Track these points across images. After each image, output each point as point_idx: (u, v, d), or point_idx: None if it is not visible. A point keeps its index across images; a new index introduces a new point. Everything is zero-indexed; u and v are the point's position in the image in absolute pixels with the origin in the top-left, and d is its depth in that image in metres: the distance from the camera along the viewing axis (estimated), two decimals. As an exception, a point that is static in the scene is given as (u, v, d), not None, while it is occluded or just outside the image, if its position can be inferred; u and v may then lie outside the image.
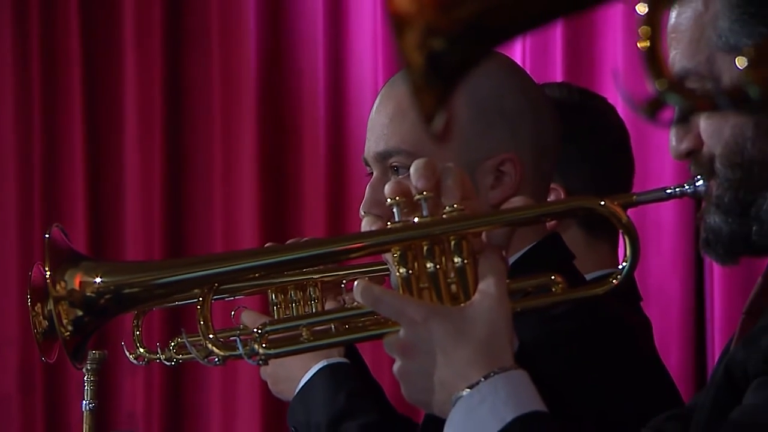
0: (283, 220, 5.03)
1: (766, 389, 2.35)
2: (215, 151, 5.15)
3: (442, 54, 1.40)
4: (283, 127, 5.07)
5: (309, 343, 2.63)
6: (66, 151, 5.23)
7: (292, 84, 5.07)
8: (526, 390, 2.46)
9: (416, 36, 1.39)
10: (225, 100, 5.12)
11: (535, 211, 2.71)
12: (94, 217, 5.21)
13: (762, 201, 2.51)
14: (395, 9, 1.38)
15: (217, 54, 5.12)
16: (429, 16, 1.39)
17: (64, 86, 5.22)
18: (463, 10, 1.39)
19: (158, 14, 5.17)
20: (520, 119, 3.10)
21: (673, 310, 4.22)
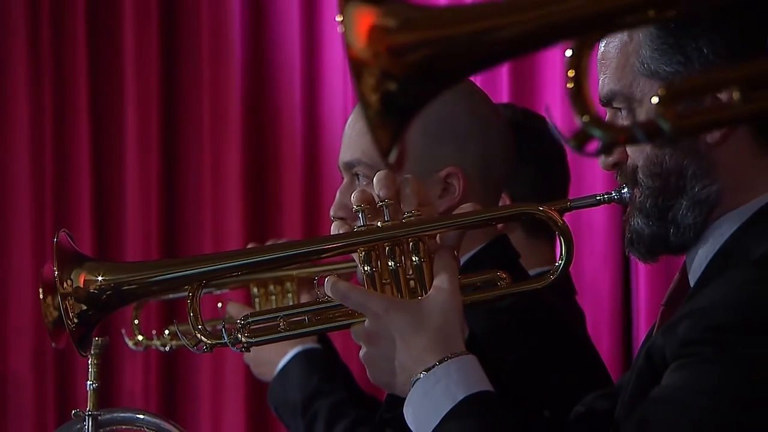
0: (265, 222, 5.02)
1: (680, 371, 2.36)
2: (205, 162, 5.14)
3: (396, 95, 1.39)
4: (265, 139, 5.06)
5: (285, 333, 2.63)
6: (74, 165, 5.22)
7: (273, 102, 5.07)
8: (476, 373, 2.47)
9: (373, 79, 1.39)
10: (213, 116, 5.11)
11: (482, 216, 2.72)
12: (98, 223, 5.20)
13: (678, 207, 2.52)
14: (354, 55, 1.38)
15: (207, 76, 5.11)
16: (384, 62, 1.38)
17: (72, 108, 5.21)
18: (414, 55, 1.39)
19: (155, 44, 5.16)
20: (467, 137, 3.10)
21: (604, 302, 4.21)
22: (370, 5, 1.40)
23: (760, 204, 2.49)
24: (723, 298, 2.38)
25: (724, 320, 2.35)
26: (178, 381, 5.18)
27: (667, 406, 2.35)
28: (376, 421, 2.92)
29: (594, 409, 2.60)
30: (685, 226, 2.52)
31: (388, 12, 1.40)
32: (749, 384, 2.30)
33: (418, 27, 1.40)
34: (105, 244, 5.19)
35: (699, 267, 2.53)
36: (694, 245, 2.54)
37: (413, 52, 1.40)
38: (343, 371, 3.18)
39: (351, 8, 1.40)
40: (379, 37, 1.39)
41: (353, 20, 1.40)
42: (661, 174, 2.52)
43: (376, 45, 1.39)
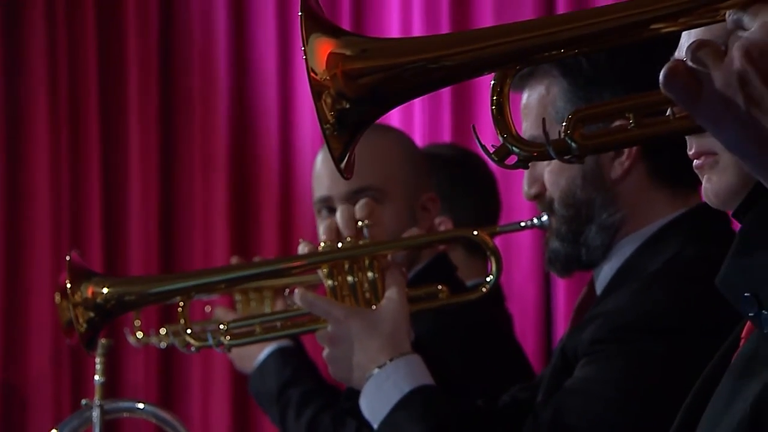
0: (246, 240, 5.02)
1: (589, 365, 2.38)
2: (196, 192, 5.13)
3: (348, 113, 1.39)
4: (247, 172, 5.05)
5: (261, 336, 2.65)
6: (86, 194, 5.20)
7: (253, 142, 5.06)
8: (420, 370, 2.49)
9: (329, 99, 1.38)
10: (203, 154, 5.10)
11: (428, 238, 2.75)
12: (107, 242, 5.19)
13: (588, 231, 2.54)
14: (314, 78, 1.38)
15: (198, 120, 5.11)
16: (339, 84, 1.38)
17: (85, 147, 5.21)
18: (365, 79, 1.38)
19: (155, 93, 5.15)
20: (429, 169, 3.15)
21: (530, 308, 4.22)
22: (329, 37, 1.40)
23: (655, 229, 2.52)
24: (624, 305, 2.40)
25: (625, 322, 2.37)
26: (174, 374, 5.16)
27: (579, 394, 2.37)
28: (338, 409, 2.92)
29: (518, 398, 2.60)
30: (594, 247, 2.54)
31: (346, 43, 1.39)
32: (647, 375, 2.33)
33: (370, 56, 1.39)
34: (112, 259, 5.18)
35: (604, 280, 2.55)
36: (601, 262, 2.55)
37: (365, 77, 1.39)
38: (311, 366, 3.17)
39: (313, 39, 1.39)
40: (336, 63, 1.39)
41: (315, 49, 1.39)
42: (573, 204, 2.54)
43: (334, 70, 1.38)
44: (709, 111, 1.30)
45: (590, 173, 2.52)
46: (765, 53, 1.27)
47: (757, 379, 1.43)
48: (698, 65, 1.29)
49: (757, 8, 1.30)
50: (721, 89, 1.28)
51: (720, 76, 1.28)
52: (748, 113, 1.28)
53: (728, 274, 1.32)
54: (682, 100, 1.32)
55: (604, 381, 2.34)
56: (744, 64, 1.27)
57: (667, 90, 1.31)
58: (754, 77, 1.27)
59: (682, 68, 1.30)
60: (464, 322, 2.92)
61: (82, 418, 2.80)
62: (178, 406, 5.10)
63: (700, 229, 2.46)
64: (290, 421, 3.04)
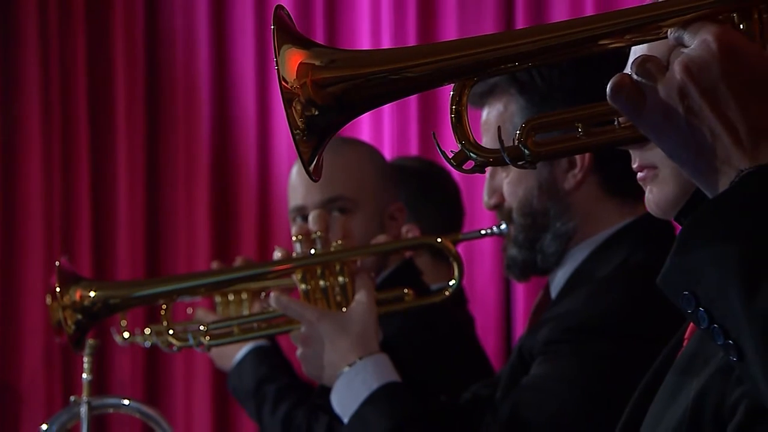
0: (227, 245, 5.01)
1: (544, 363, 2.39)
2: (180, 202, 5.11)
3: (317, 119, 1.39)
4: (227, 181, 5.05)
5: (238, 336, 2.65)
6: (77, 204, 5.18)
7: (233, 153, 5.06)
8: (387, 368, 2.49)
9: (299, 106, 1.38)
10: (187, 166, 5.08)
11: (395, 245, 2.75)
12: (96, 249, 5.17)
13: (543, 239, 2.54)
14: (285, 87, 1.37)
15: (182, 134, 5.10)
16: (309, 92, 1.37)
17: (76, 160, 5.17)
18: (332, 89, 1.38)
19: (141, 111, 5.14)
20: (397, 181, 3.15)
21: (491, 310, 4.22)
22: (300, 48, 1.39)
23: (605, 236, 2.52)
24: (577, 307, 2.41)
25: (578, 324, 2.38)
26: (158, 372, 5.14)
27: (534, 390, 2.38)
28: (311, 404, 2.91)
29: (479, 395, 2.61)
30: (548, 254, 2.55)
31: (316, 54, 1.39)
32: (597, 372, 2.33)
33: (338, 66, 1.39)
34: (101, 264, 5.15)
35: (559, 284, 2.55)
36: (556, 268, 2.56)
37: (333, 86, 1.38)
38: (286, 364, 3.16)
39: (285, 50, 1.39)
40: (306, 73, 1.38)
41: (286, 59, 1.39)
42: (530, 213, 2.55)
43: (303, 79, 1.38)
44: (652, 121, 1.31)
45: (546, 185, 2.53)
46: (703, 68, 1.27)
47: (698, 377, 1.43)
48: (642, 78, 1.30)
49: (697, 27, 1.31)
50: (663, 101, 1.29)
51: (662, 89, 1.29)
52: (687, 123, 1.29)
53: (668, 274, 1.33)
54: (627, 110, 1.33)
55: (558, 378, 2.35)
56: (684, 78, 1.28)
57: (613, 101, 1.32)
58: (692, 90, 1.28)
59: (627, 81, 1.31)
60: (429, 324, 2.91)
61: (70, 414, 2.80)
62: (163, 402, 5.08)
63: (646, 236, 2.46)
64: (266, 416, 3.03)
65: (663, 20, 1.34)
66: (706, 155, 1.30)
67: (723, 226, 1.26)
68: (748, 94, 1.27)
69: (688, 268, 1.29)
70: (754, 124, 1.27)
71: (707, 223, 1.28)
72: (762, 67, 1.28)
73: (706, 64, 1.28)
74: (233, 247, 4.97)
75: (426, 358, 2.76)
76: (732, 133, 1.28)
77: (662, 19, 1.34)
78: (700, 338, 1.51)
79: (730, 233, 1.25)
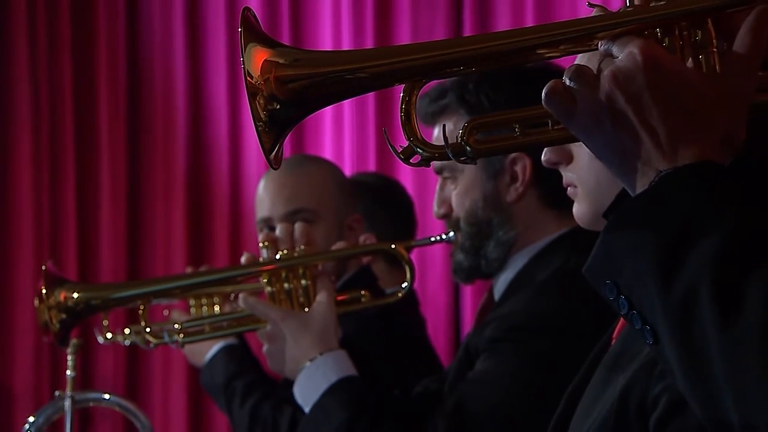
0: (201, 251, 4.98)
1: (488, 360, 2.39)
2: (158, 213, 5.09)
3: (279, 113, 1.37)
4: (201, 192, 5.02)
5: (210, 334, 2.64)
6: (63, 213, 5.14)
7: (207, 167, 5.04)
8: (345, 363, 2.48)
9: (263, 100, 1.36)
10: (165, 179, 5.06)
11: (352, 251, 2.74)
12: (81, 255, 5.13)
13: (487, 246, 2.54)
14: (250, 82, 1.36)
15: (160, 150, 5.07)
16: (271, 88, 1.36)
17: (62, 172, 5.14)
18: (294, 85, 1.36)
19: (122, 130, 5.11)
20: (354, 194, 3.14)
21: (441, 311, 4.21)
22: (265, 47, 1.38)
23: (544, 244, 2.53)
24: (518, 309, 2.41)
25: (518, 324, 2.38)
26: (138, 368, 5.10)
27: (478, 384, 2.38)
28: (277, 397, 2.90)
29: (429, 388, 2.60)
30: (492, 260, 2.55)
31: (279, 53, 1.38)
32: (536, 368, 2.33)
33: (300, 65, 1.38)
34: (86, 269, 5.12)
35: (501, 288, 2.55)
36: (499, 273, 2.56)
37: (294, 82, 1.37)
38: (254, 360, 3.15)
39: (250, 48, 1.38)
40: (269, 69, 1.37)
41: (251, 56, 1.37)
42: (475, 223, 2.55)
43: (267, 75, 1.36)
44: (582, 124, 1.32)
45: (490, 197, 2.53)
46: (629, 78, 1.28)
47: (624, 373, 1.43)
48: (574, 85, 1.30)
49: (624, 40, 1.32)
50: (592, 106, 1.30)
51: (591, 96, 1.30)
52: (613, 128, 1.29)
53: (592, 265, 1.33)
54: (559, 113, 1.33)
55: (500, 373, 2.35)
56: (611, 86, 1.29)
57: (547, 105, 1.33)
58: (619, 97, 1.29)
59: (560, 87, 1.31)
60: (384, 323, 2.90)
61: (55, 407, 2.78)
62: (142, 396, 5.05)
63: (580, 244, 2.42)
64: (235, 408, 3.01)
65: (595, 33, 1.34)
66: (629, 157, 1.30)
67: (642, 221, 1.27)
68: (668, 103, 1.28)
69: (610, 259, 1.29)
70: (673, 130, 1.28)
71: (628, 219, 1.28)
72: (681, 79, 1.29)
73: (632, 74, 1.28)
74: (207, 253, 4.95)
75: (381, 354, 2.76)
76: (653, 138, 1.28)
77: (594, 32, 1.34)
78: (627, 337, 1.51)
79: (649, 227, 1.26)
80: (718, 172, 1.27)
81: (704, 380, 1.20)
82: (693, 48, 1.32)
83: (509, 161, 2.53)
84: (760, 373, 1.15)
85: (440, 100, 2.53)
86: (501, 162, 2.53)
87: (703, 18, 1.33)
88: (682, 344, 1.22)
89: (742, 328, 1.17)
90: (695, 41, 1.32)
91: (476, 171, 2.53)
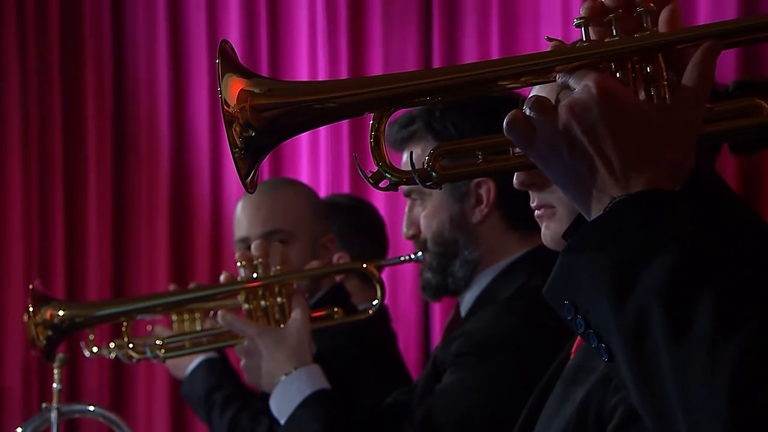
0: (183, 272, 4.95)
1: (454, 374, 2.38)
2: (143, 233, 5.06)
3: (254, 140, 1.36)
4: (184, 213, 5.00)
5: (190, 349, 2.62)
6: (52, 234, 5.12)
7: (189, 192, 5.01)
8: (319, 377, 2.47)
9: (239, 128, 1.36)
10: (149, 200, 5.03)
11: (326, 269, 2.73)
12: (69, 273, 5.11)
13: (454, 265, 2.53)
14: (226, 110, 1.36)
15: (145, 170, 5.05)
16: (247, 116, 1.35)
17: (51, 194, 5.12)
18: (268, 113, 1.36)
19: (108, 152, 5.08)
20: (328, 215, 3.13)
21: (412, 327, 4.18)
22: (241, 77, 1.38)
23: (507, 263, 2.52)
24: (483, 325, 2.40)
25: (483, 339, 2.37)
26: (123, 380, 5.06)
27: (445, 396, 2.37)
28: (254, 409, 2.89)
29: (399, 400, 2.59)
30: (458, 278, 2.54)
31: (255, 83, 1.37)
32: (500, 381, 2.33)
33: (274, 94, 1.37)
34: (73, 287, 5.08)
35: (467, 305, 2.55)
36: (464, 290, 2.55)
37: (268, 111, 1.36)
38: (233, 374, 3.13)
39: (227, 78, 1.37)
40: (245, 98, 1.36)
41: (228, 86, 1.37)
42: (442, 243, 2.54)
43: (243, 104, 1.36)
44: (540, 152, 1.32)
45: (456, 218, 2.53)
46: (585, 109, 1.28)
47: (582, 386, 1.43)
48: (534, 115, 1.30)
49: (581, 73, 1.32)
50: (550, 135, 1.30)
51: (550, 125, 1.30)
52: (570, 156, 1.29)
53: (552, 286, 1.33)
54: (519, 142, 1.33)
55: (465, 386, 2.34)
56: (568, 117, 1.29)
57: (508, 133, 1.33)
58: (575, 127, 1.29)
59: (520, 117, 1.31)
60: (356, 338, 2.89)
61: (42, 419, 2.76)
62: (126, 407, 5.01)
63: (542, 263, 2.43)
64: (215, 420, 3.00)
65: (553, 66, 1.35)
66: (585, 183, 1.30)
67: (598, 244, 1.27)
68: (621, 133, 1.28)
69: (568, 281, 1.29)
70: (627, 159, 1.28)
71: (585, 243, 1.28)
72: (633, 110, 1.29)
73: (588, 105, 1.28)
74: (189, 272, 4.91)
75: (353, 368, 2.74)
76: (607, 166, 1.29)
77: (553, 65, 1.35)
78: (585, 352, 1.51)
79: (604, 251, 1.26)
80: (669, 198, 1.27)
81: (655, 394, 1.20)
82: (645, 81, 1.33)
83: (474, 185, 2.53)
84: (706, 387, 1.15)
85: (408, 126, 2.53)
86: (466, 185, 2.52)
87: (654, 53, 1.33)
88: (634, 361, 1.22)
89: (691, 345, 1.17)
90: (647, 75, 1.33)
91: (443, 194, 2.53)
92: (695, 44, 1.32)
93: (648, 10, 1.33)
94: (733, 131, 1.37)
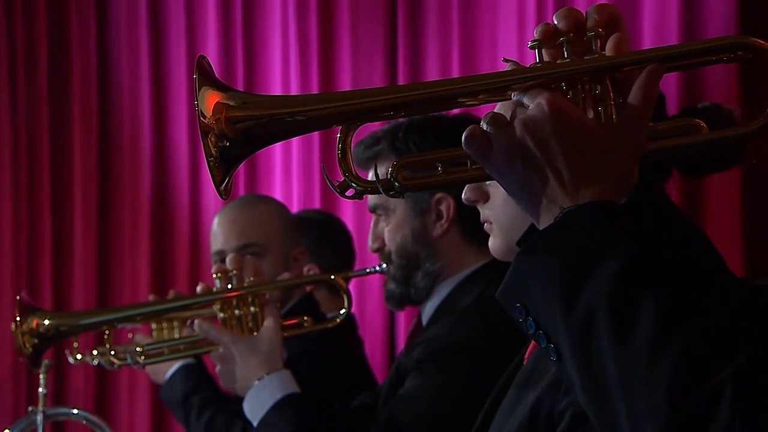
0: (164, 283, 4.92)
1: (415, 379, 2.38)
2: (125, 243, 5.03)
3: (228, 150, 1.36)
4: (164, 230, 4.97)
5: (168, 356, 2.62)
6: (40, 246, 5.10)
7: (170, 206, 4.99)
8: (290, 381, 2.46)
9: (214, 138, 1.35)
10: (131, 215, 5.01)
11: (297, 281, 2.73)
12: (55, 284, 5.08)
13: (416, 276, 2.53)
14: (202, 122, 1.35)
15: (127, 188, 5.02)
16: (222, 127, 1.35)
17: (39, 210, 5.10)
18: (242, 125, 1.35)
19: (94, 170, 5.06)
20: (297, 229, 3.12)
21: (378, 334, 4.18)
22: (217, 90, 1.37)
23: (466, 274, 2.52)
24: (442, 333, 2.40)
25: (443, 346, 2.37)
26: (107, 385, 5.02)
27: (406, 400, 2.37)
28: (229, 412, 2.87)
29: (365, 403, 2.59)
30: (420, 288, 2.54)
31: (230, 96, 1.36)
32: (458, 386, 2.32)
33: (248, 107, 1.36)
34: (60, 297, 5.05)
35: (428, 313, 2.54)
36: (426, 300, 2.55)
37: (242, 123, 1.36)
38: (209, 379, 3.11)
39: (203, 91, 1.36)
40: (221, 110, 1.35)
41: (204, 99, 1.36)
42: (405, 255, 2.54)
43: (218, 115, 1.35)
44: (496, 164, 1.33)
45: (418, 232, 2.53)
46: (538, 125, 1.29)
47: (534, 390, 1.43)
48: (490, 130, 1.31)
49: (535, 92, 1.33)
50: (505, 149, 1.30)
51: (505, 140, 1.31)
52: (524, 168, 1.30)
53: (504, 290, 1.33)
54: (476, 154, 1.34)
55: (426, 390, 2.34)
56: (522, 132, 1.30)
57: (466, 147, 1.33)
58: (529, 142, 1.29)
59: (478, 131, 1.32)
60: (325, 345, 2.87)
61: (28, 421, 2.74)
62: (110, 410, 4.97)
63: (498, 274, 2.43)
64: (192, 422, 2.98)
65: (509, 85, 1.35)
66: (537, 194, 1.31)
67: (549, 250, 1.27)
68: (572, 148, 1.29)
69: (520, 285, 1.30)
70: (576, 172, 1.29)
71: (536, 249, 1.29)
72: (583, 127, 1.30)
73: (540, 122, 1.29)
74: (169, 283, 4.88)
75: (322, 373, 2.74)
76: (558, 179, 1.29)
77: (508, 84, 1.35)
78: (537, 357, 1.51)
79: (554, 257, 1.26)
80: (615, 208, 1.29)
81: (600, 393, 1.21)
82: (593, 100, 1.34)
83: (435, 201, 2.53)
84: (647, 385, 1.16)
85: (374, 146, 2.53)
86: (428, 201, 2.52)
87: (602, 74, 1.34)
88: (581, 360, 1.22)
89: (634, 346, 1.18)
90: (595, 94, 1.34)
91: (406, 209, 2.53)
92: (640, 67, 1.34)
93: (597, 35, 1.34)
94: (674, 149, 1.38)
